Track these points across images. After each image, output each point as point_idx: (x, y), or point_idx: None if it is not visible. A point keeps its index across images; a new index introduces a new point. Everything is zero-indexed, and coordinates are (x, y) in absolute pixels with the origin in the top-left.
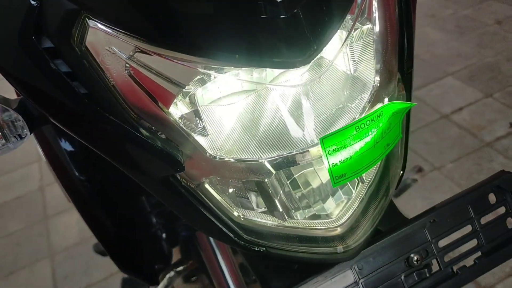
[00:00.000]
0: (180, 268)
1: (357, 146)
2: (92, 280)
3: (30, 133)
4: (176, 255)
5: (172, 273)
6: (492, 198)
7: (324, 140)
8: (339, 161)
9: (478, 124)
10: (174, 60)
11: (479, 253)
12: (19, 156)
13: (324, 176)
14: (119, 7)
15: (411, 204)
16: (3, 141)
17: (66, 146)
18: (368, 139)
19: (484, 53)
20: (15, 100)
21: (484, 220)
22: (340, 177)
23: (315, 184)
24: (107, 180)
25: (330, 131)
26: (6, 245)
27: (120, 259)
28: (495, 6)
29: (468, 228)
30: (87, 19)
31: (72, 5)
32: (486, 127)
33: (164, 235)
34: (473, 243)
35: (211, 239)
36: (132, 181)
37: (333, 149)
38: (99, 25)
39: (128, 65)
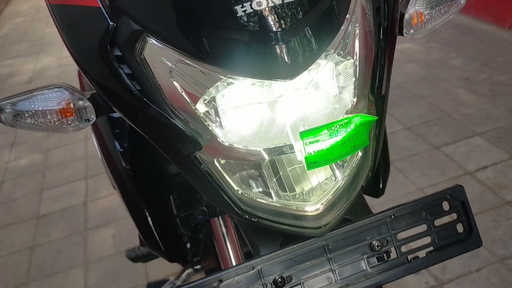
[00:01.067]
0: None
1: (328, 142)
2: None
3: (96, 118)
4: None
5: (190, 270)
6: (446, 205)
7: (302, 134)
8: (313, 151)
9: (501, 183)
10: (203, 68)
11: (431, 248)
12: (69, 173)
13: (308, 171)
14: (169, 31)
15: None
16: (76, 122)
17: (117, 140)
18: (337, 138)
19: None
20: (88, 93)
21: (438, 222)
22: (313, 163)
23: (301, 176)
24: (147, 172)
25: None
26: (46, 251)
27: (149, 239)
28: None
29: (424, 227)
30: (147, 37)
31: (138, 27)
32: (508, 186)
33: (183, 221)
34: (427, 240)
35: (221, 224)
36: (164, 175)
37: (309, 141)
38: (154, 42)
39: (171, 72)
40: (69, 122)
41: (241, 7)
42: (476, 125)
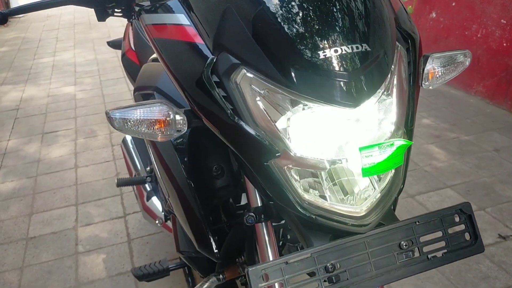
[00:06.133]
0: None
1: (378, 158)
2: None
3: (186, 130)
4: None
5: (213, 279)
6: (457, 217)
7: (361, 148)
8: (368, 163)
9: None
10: (286, 94)
11: (445, 250)
12: (58, 198)
13: (356, 186)
14: (262, 65)
15: None
16: (171, 131)
17: (178, 155)
18: (384, 156)
19: (481, 173)
20: (182, 109)
21: (451, 230)
22: (367, 172)
23: (350, 190)
24: (202, 182)
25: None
26: (37, 272)
27: (202, 240)
28: (495, 136)
29: (440, 234)
30: (243, 69)
31: (235, 61)
32: None
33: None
34: (442, 244)
35: (265, 233)
36: (214, 187)
37: (365, 155)
38: (247, 73)
39: (260, 97)
40: (164, 131)
41: (323, 52)
42: (447, 178)
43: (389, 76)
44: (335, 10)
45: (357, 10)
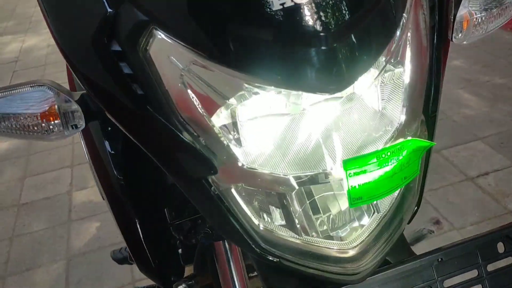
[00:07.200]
0: (191, 278)
1: (376, 174)
2: None
3: (85, 125)
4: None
5: (183, 285)
6: (500, 246)
7: (346, 163)
8: (358, 184)
9: (503, 191)
10: (223, 73)
11: None
12: (54, 160)
13: (342, 202)
14: (184, 24)
15: None
16: (61, 128)
17: (109, 146)
18: (387, 169)
19: None
20: (77, 93)
21: (490, 267)
22: (357, 199)
23: (333, 208)
24: (141, 182)
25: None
26: (27, 242)
27: (140, 258)
28: None
29: (474, 273)
30: (154, 30)
31: (143, 17)
32: (511, 195)
33: (181, 244)
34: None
35: (228, 251)
36: (162, 189)
37: (354, 172)
38: (163, 36)
39: (183, 75)
40: (52, 128)
41: (279, 0)
42: (478, 129)
43: (398, 31)
44: None
45: None
